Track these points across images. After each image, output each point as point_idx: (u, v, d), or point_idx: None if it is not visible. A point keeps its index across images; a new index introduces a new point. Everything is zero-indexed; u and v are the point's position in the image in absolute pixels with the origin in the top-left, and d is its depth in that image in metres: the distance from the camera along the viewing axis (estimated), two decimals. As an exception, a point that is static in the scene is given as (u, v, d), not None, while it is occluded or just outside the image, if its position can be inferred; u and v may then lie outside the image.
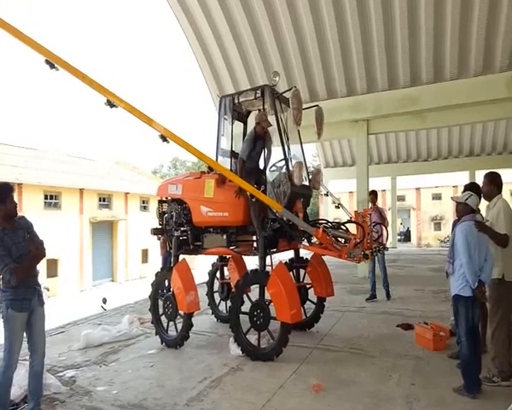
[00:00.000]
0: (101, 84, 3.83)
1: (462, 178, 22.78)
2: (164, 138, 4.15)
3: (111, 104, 3.89)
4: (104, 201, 26.67)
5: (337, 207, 6.22)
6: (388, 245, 5.97)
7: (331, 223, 5.38)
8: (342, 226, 5.17)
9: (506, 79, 9.33)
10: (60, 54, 3.65)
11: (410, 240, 37.02)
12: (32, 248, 3.30)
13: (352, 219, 5.04)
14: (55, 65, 3.63)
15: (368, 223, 4.79)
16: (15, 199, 3.40)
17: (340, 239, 4.87)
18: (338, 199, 5.98)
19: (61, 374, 4.45)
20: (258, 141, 5.36)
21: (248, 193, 4.90)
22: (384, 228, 6.61)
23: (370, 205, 8.02)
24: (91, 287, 24.31)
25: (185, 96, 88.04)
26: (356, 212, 5.05)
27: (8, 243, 3.24)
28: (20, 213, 3.47)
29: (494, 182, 4.07)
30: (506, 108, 10.62)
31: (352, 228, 5.06)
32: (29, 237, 3.36)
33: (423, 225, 37.28)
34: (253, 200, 4.90)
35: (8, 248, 3.22)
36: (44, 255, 3.41)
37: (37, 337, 3.45)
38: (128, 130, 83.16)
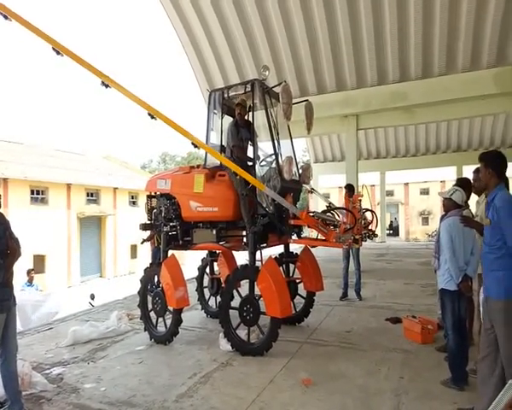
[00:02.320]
0: (98, 68, 4.30)
1: (450, 174, 23.09)
2: (152, 116, 4.44)
3: (105, 85, 4.31)
4: (92, 196, 26.36)
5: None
6: (377, 239, 6.00)
7: (327, 206, 5.36)
8: (331, 212, 5.16)
9: (493, 75, 9.44)
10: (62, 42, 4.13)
11: (398, 234, 37.43)
12: (12, 245, 3.21)
13: (332, 206, 5.04)
14: (60, 52, 4.14)
15: (358, 209, 4.79)
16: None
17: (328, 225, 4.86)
18: (328, 195, 5.95)
19: (47, 372, 4.39)
20: (241, 129, 5.35)
21: (238, 189, 4.91)
22: (374, 215, 6.50)
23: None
24: (79, 283, 24.05)
25: (175, 90, 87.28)
26: (346, 198, 5.04)
27: None
28: (4, 208, 3.38)
29: None
30: (493, 104, 10.75)
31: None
32: (8, 233, 3.27)
33: (411, 220, 37.72)
34: (244, 194, 4.88)
35: None
36: (21, 254, 3.33)
37: (12, 337, 3.38)
38: (117, 124, 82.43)
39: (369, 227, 5.48)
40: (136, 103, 4.45)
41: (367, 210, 5.31)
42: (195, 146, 4.91)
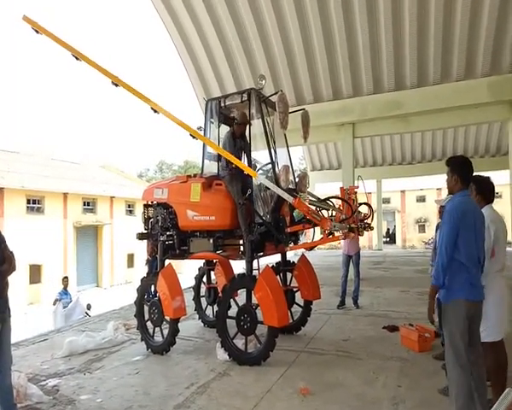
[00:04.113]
0: (108, 70, 5.00)
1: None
2: (155, 111, 4.97)
3: (115, 84, 4.94)
4: (89, 205, 26.29)
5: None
6: (374, 247, 5.96)
7: (317, 199, 5.36)
8: (327, 202, 5.16)
9: (487, 83, 9.55)
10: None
11: (395, 242, 37.48)
12: (8, 256, 3.20)
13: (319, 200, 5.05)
14: (78, 58, 4.95)
15: (353, 200, 4.77)
16: None
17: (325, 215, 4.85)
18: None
19: (43, 383, 4.34)
20: (237, 140, 5.38)
21: (235, 198, 4.94)
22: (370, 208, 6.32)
23: None
24: (76, 293, 23.88)
25: (171, 99, 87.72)
26: (342, 188, 5.01)
27: None
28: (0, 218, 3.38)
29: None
30: (487, 112, 10.87)
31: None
32: (4, 246, 3.27)
33: (408, 227, 37.79)
34: (241, 203, 4.90)
35: None
36: (15, 268, 3.30)
37: (7, 349, 3.34)
38: (113, 133, 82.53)
39: (366, 220, 5.36)
40: (141, 99, 4.97)
41: (362, 204, 5.20)
42: (194, 137, 5.10)
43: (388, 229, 38.56)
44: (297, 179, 5.62)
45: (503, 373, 3.37)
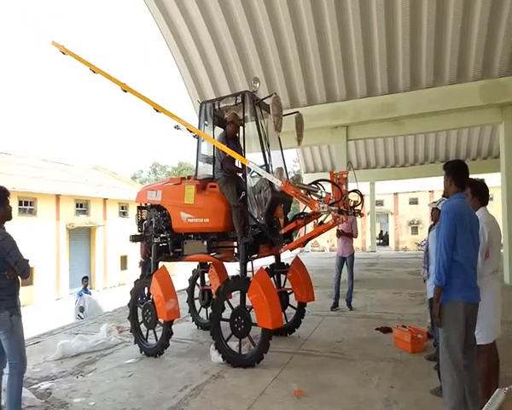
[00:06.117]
0: (119, 80, 5.34)
1: (438, 183, 23.35)
2: (156, 110, 5.20)
3: (124, 90, 5.23)
4: (81, 207, 26.12)
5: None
6: (368, 249, 5.97)
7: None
8: (317, 185, 5.17)
9: (479, 87, 9.66)
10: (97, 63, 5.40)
11: (388, 244, 37.68)
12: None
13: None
14: (95, 71, 5.34)
15: (343, 186, 4.76)
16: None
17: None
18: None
19: (35, 386, 4.31)
20: (230, 141, 5.39)
21: (230, 200, 4.95)
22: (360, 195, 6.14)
23: None
24: (68, 295, 23.69)
25: (166, 102, 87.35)
26: (331, 172, 5.02)
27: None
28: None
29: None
30: (479, 116, 10.96)
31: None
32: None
33: (401, 229, 38.01)
34: (235, 205, 4.91)
35: None
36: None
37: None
38: (106, 135, 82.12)
39: (356, 207, 5.34)
40: (145, 101, 5.20)
41: (353, 191, 5.18)
42: (191, 131, 5.34)
43: (381, 231, 38.76)
44: (291, 181, 5.64)
45: (495, 375, 3.41)
